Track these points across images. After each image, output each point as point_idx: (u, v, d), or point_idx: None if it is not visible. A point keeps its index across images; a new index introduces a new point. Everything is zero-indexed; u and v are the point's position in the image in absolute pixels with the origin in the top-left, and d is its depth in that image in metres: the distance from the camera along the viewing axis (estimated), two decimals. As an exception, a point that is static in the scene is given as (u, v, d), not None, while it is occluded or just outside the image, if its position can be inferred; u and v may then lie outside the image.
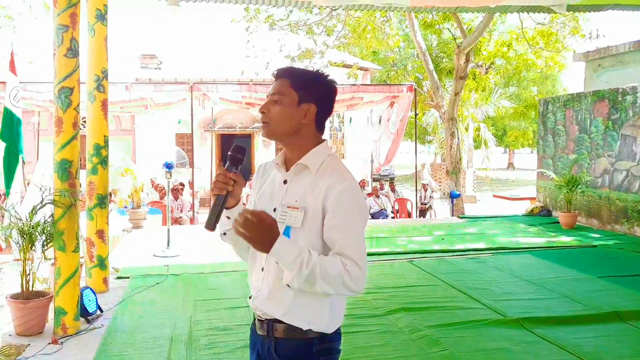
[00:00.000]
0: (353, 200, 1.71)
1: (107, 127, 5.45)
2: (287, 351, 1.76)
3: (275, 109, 1.76)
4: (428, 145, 32.41)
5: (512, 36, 15.24)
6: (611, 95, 8.94)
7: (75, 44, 4.20)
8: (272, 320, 1.77)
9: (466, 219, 10.55)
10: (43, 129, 14.31)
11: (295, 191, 1.76)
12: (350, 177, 1.76)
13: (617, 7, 7.67)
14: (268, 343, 1.79)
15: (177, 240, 7.44)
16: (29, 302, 4.15)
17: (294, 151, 1.80)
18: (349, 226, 1.68)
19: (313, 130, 1.80)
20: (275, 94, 1.76)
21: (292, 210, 1.72)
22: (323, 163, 1.77)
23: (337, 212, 1.68)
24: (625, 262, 6.79)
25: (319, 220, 1.70)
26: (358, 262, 1.65)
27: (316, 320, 1.73)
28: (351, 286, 1.64)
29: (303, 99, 1.76)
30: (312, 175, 1.75)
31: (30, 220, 4.21)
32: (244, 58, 14.40)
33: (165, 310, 4.85)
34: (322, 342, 1.76)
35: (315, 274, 1.61)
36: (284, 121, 1.76)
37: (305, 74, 1.81)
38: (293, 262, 1.61)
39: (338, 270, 1.62)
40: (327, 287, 1.63)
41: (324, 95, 1.81)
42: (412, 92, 11.80)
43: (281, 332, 1.76)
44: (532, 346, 4.03)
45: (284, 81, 1.77)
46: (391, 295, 5.25)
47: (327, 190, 1.69)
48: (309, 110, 1.76)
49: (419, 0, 6.80)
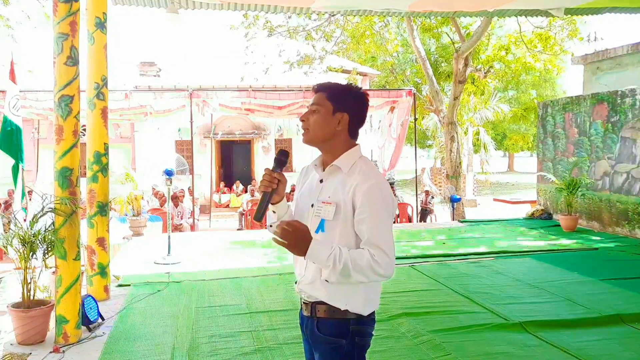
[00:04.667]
0: (378, 195, 1.93)
1: (107, 135, 5.45)
2: (328, 329, 2.00)
3: (314, 118, 2.03)
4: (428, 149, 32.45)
5: (511, 40, 15.28)
6: (610, 98, 8.95)
7: (75, 52, 4.21)
8: (315, 303, 2.02)
9: (467, 223, 10.54)
10: (42, 137, 14.33)
11: (329, 189, 2.02)
12: (376, 176, 1.98)
13: (614, 10, 7.71)
14: (311, 322, 2.04)
15: (178, 248, 7.44)
16: (30, 310, 4.14)
17: (329, 154, 2.06)
18: (375, 218, 1.90)
19: (346, 136, 2.05)
20: (314, 104, 2.04)
21: (326, 205, 1.97)
22: (354, 164, 2.02)
23: (364, 207, 1.92)
24: (627, 264, 6.78)
25: (350, 214, 1.94)
26: (384, 249, 1.88)
27: (353, 302, 1.97)
28: (380, 272, 1.87)
29: (337, 109, 2.02)
30: (343, 175, 2.00)
31: (31, 229, 4.20)
32: (243, 64, 14.43)
33: (167, 317, 4.84)
34: (357, 323, 2.00)
35: (348, 266, 1.85)
36: (321, 128, 2.03)
37: (339, 87, 2.07)
38: (327, 260, 1.86)
39: (367, 260, 1.86)
40: (360, 276, 1.88)
41: (355, 106, 2.06)
42: (412, 97, 11.81)
43: (323, 312, 2.00)
44: (535, 350, 4.02)
45: (321, 94, 2.04)
46: (393, 300, 5.23)
47: (356, 188, 1.94)
48: (342, 119, 2.02)
49: (417, 5, 6.83)
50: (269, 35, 13.86)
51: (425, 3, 7.17)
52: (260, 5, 7.38)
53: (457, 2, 7.52)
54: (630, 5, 7.72)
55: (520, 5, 7.43)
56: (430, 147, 30.08)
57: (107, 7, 5.44)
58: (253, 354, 3.95)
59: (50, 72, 4.25)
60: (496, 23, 16.04)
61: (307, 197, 2.09)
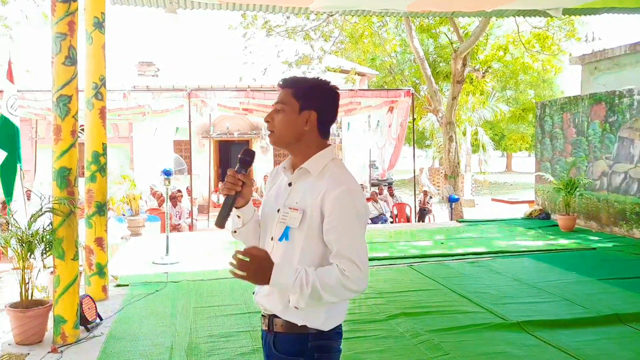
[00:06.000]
0: (349, 202, 1.75)
1: (105, 135, 5.44)
2: (284, 345, 1.82)
3: (278, 118, 1.85)
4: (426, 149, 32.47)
5: (509, 40, 15.29)
6: (608, 98, 8.96)
7: (74, 52, 4.20)
8: (272, 316, 1.85)
9: (465, 223, 10.54)
10: (40, 137, 14.31)
11: (297, 193, 1.84)
12: (348, 181, 1.80)
13: (612, 10, 7.72)
14: (269, 338, 1.87)
15: (176, 248, 7.43)
16: (28, 310, 4.14)
17: (299, 156, 1.88)
18: (345, 228, 1.73)
19: (316, 136, 1.87)
20: (279, 103, 1.86)
21: (292, 211, 1.79)
22: (325, 167, 1.84)
23: (334, 215, 1.74)
24: (625, 264, 6.79)
25: (317, 222, 1.76)
26: (356, 262, 1.70)
27: (311, 317, 1.78)
28: (352, 287, 1.69)
29: (304, 106, 1.83)
30: (312, 179, 1.83)
31: (29, 229, 4.20)
32: (242, 64, 14.43)
33: (165, 317, 4.83)
34: (318, 339, 1.80)
35: (317, 288, 1.68)
36: (287, 128, 1.84)
37: (306, 83, 1.89)
38: (294, 286, 1.68)
39: (336, 277, 1.68)
40: (331, 297, 1.70)
41: (324, 103, 1.87)
42: (410, 97, 11.81)
43: (279, 327, 1.83)
44: (533, 350, 4.03)
45: (286, 91, 1.87)
46: (391, 300, 5.24)
47: (325, 194, 1.75)
48: (310, 118, 1.84)
49: (416, 5, 6.83)
50: (267, 35, 13.87)
51: (424, 3, 7.18)
52: (258, 5, 7.38)
53: (456, 2, 7.52)
54: (628, 5, 7.73)
55: (518, 6, 7.44)
56: (429, 147, 30.09)
57: (105, 7, 5.43)
58: (251, 354, 3.95)
59: (48, 72, 4.25)
60: (494, 23, 16.05)
61: (274, 201, 1.91)
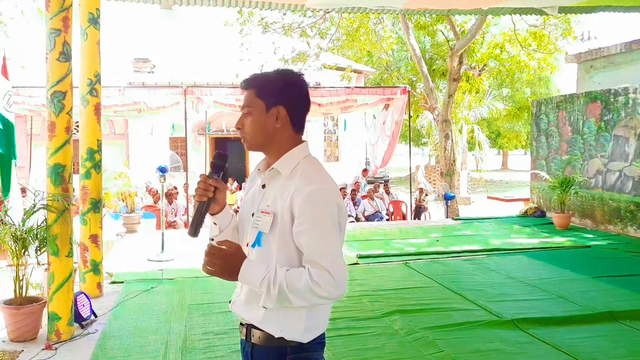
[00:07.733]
0: (320, 202, 1.63)
1: (100, 132, 5.43)
2: (262, 358, 1.74)
3: (247, 122, 1.75)
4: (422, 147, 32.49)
5: (505, 38, 15.29)
6: (603, 97, 8.98)
7: (68, 48, 4.18)
8: (250, 326, 1.76)
9: (461, 220, 10.57)
10: (35, 133, 14.25)
11: (269, 196, 1.74)
12: (320, 179, 1.69)
13: (608, 9, 7.73)
14: (247, 348, 1.78)
15: (172, 245, 7.41)
16: (22, 307, 4.13)
17: (273, 156, 1.78)
18: (316, 231, 1.62)
19: (290, 132, 1.76)
20: (244, 106, 1.76)
21: (264, 215, 1.70)
22: (296, 166, 1.73)
23: (304, 217, 1.62)
24: (619, 262, 6.82)
25: (288, 226, 1.65)
26: (327, 267, 1.58)
27: (289, 328, 1.69)
28: (322, 294, 1.58)
29: (270, 104, 1.73)
30: (283, 180, 1.72)
31: (23, 225, 4.18)
32: (238, 61, 14.39)
33: (160, 314, 4.83)
34: (297, 352, 1.70)
35: (284, 290, 1.58)
36: (257, 131, 1.74)
37: (267, 79, 1.77)
38: (261, 284, 1.60)
39: (305, 282, 1.57)
40: (299, 301, 1.60)
41: (291, 95, 1.76)
42: (406, 95, 11.80)
43: (257, 339, 1.73)
44: (527, 347, 4.05)
45: (249, 92, 1.76)
46: (386, 297, 5.25)
47: (294, 194, 1.65)
48: (279, 114, 1.73)
49: (412, 3, 6.83)
50: (263, 32, 13.83)
51: (420, 1, 7.18)
52: (255, 2, 7.37)
53: (452, 0, 7.53)
54: (624, 4, 7.75)
55: (514, 4, 7.44)
56: (425, 145, 30.11)
57: (100, 3, 5.41)
58: (246, 351, 3.95)
59: (43, 68, 4.23)
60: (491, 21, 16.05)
61: (249, 204, 1.81)
